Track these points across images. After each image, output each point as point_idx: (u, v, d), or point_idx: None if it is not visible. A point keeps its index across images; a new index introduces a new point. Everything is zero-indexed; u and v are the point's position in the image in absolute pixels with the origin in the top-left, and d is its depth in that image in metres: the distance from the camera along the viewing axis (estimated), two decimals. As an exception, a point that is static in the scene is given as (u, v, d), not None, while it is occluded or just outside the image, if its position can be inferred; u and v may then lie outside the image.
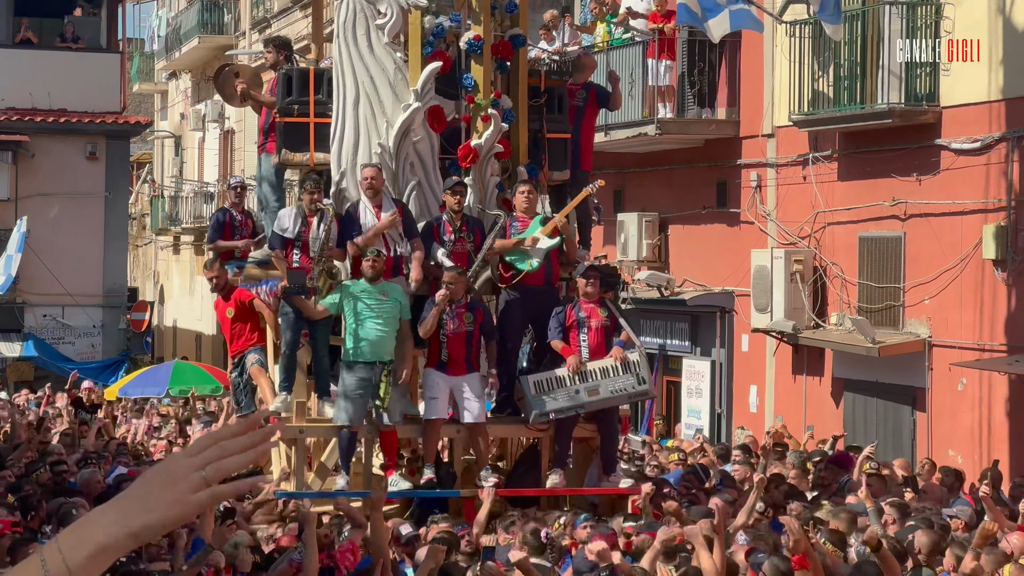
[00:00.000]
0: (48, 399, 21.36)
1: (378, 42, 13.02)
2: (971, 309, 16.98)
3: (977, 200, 16.83)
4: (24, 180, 31.63)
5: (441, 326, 12.33)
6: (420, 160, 13.01)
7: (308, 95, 13.25)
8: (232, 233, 14.48)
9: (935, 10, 17.48)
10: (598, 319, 12.57)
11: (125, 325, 33.29)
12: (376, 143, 12.87)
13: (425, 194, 13.07)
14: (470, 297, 12.56)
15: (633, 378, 12.48)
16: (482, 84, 13.07)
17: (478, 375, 12.63)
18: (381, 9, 13.00)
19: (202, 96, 41.86)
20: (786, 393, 20.27)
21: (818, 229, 19.50)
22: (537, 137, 13.59)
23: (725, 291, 21.26)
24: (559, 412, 12.41)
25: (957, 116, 17.21)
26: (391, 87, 13.01)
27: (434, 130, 13.00)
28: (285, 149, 13.32)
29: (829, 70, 18.81)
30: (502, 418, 13.05)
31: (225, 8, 40.04)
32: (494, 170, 13.23)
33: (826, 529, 10.23)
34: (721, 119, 21.41)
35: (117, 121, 32.73)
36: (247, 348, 13.50)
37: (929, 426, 17.60)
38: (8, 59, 31.74)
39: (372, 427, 12.35)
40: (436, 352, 12.46)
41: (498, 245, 12.67)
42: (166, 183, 44.90)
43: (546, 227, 12.66)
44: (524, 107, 13.49)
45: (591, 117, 14.47)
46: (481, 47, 13.07)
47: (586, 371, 12.41)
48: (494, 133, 13.04)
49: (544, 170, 13.63)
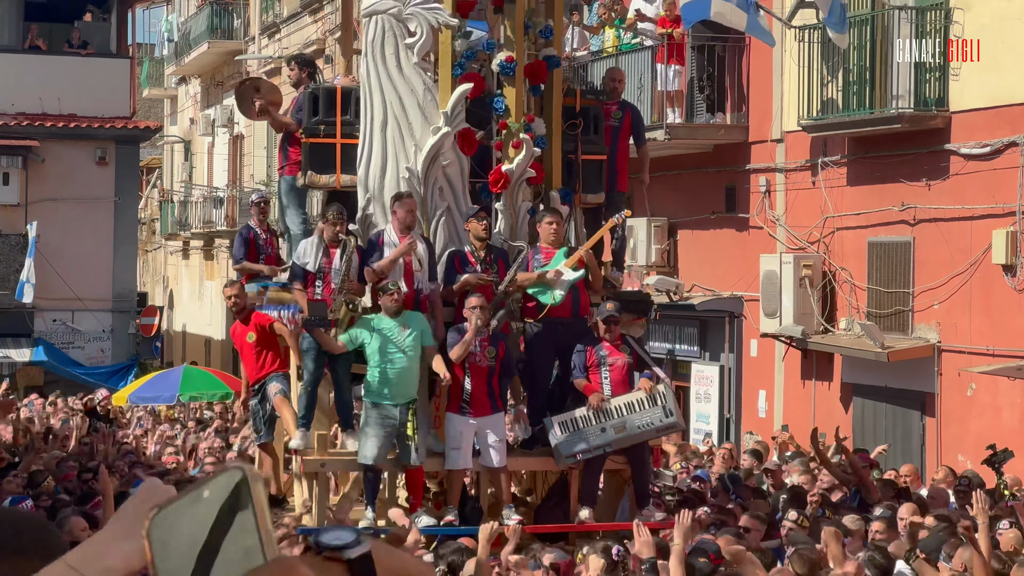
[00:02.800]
0: (60, 406, 21.41)
1: (407, 62, 12.56)
2: (980, 314, 16.95)
3: (986, 205, 16.80)
4: (34, 185, 31.68)
5: (465, 357, 11.95)
6: (450, 185, 12.58)
7: (335, 115, 12.82)
8: (257, 252, 13.78)
9: (944, 14, 17.45)
10: (620, 357, 12.31)
11: (135, 330, 33.33)
12: (404, 167, 12.45)
13: (455, 219, 12.62)
14: (493, 330, 12.14)
15: (660, 411, 12.15)
16: (514, 108, 12.66)
17: (501, 416, 12.33)
18: (411, 28, 12.53)
19: (211, 101, 41.91)
20: (795, 398, 20.25)
21: (827, 234, 19.48)
22: (571, 160, 13.20)
23: (734, 296, 21.24)
24: (586, 452, 12.10)
25: (966, 121, 17.19)
26: (420, 109, 12.56)
27: (464, 153, 12.58)
28: (311, 171, 12.87)
29: (838, 75, 18.79)
30: (532, 452, 12.70)
31: (234, 13, 40.10)
32: (526, 196, 12.84)
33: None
34: (730, 124, 21.39)
35: (127, 126, 32.79)
36: (269, 374, 12.98)
37: (938, 431, 17.57)
38: (18, 65, 31.79)
39: (398, 464, 12.15)
40: (458, 393, 12.07)
41: (520, 278, 12.26)
42: (175, 188, 44.95)
43: (570, 259, 12.27)
44: (558, 130, 13.06)
45: (626, 138, 14.03)
46: (514, 69, 12.64)
47: (610, 408, 12.10)
48: (526, 158, 12.63)
49: (578, 194, 13.26)
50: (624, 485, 12.71)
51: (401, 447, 11.96)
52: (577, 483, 12.41)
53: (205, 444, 17.24)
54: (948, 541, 9.36)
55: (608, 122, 13.65)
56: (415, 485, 12.32)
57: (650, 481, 12.87)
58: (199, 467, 15.84)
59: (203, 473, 14.51)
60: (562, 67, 13.41)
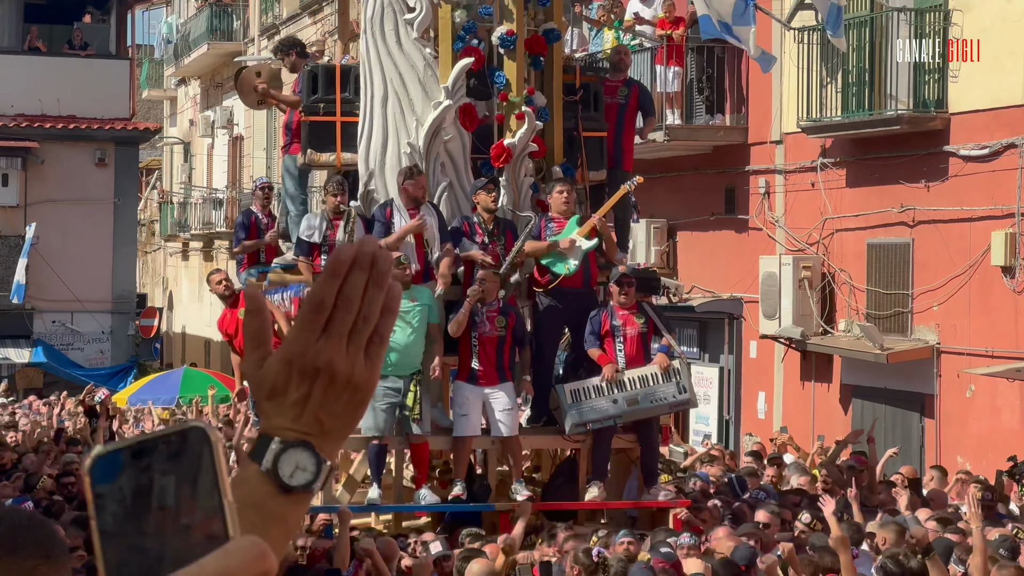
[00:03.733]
0: (62, 406, 21.38)
1: (407, 37, 12.44)
2: (979, 315, 16.96)
3: (986, 206, 16.81)
4: (33, 186, 31.68)
5: (472, 329, 11.81)
6: (451, 160, 12.48)
7: (334, 93, 12.73)
8: (257, 236, 13.94)
9: (943, 16, 17.46)
10: (634, 326, 12.02)
11: (134, 331, 33.32)
12: (405, 143, 12.34)
13: (456, 195, 12.52)
14: (502, 300, 11.98)
15: (674, 387, 11.90)
16: (515, 81, 12.51)
17: (511, 385, 12.06)
18: (410, 3, 12.43)
19: (211, 102, 41.92)
20: (794, 400, 20.25)
21: (826, 235, 19.49)
22: (572, 136, 13.03)
23: (733, 297, 21.24)
24: (596, 423, 11.86)
25: (965, 122, 17.19)
26: (421, 84, 12.43)
27: (466, 128, 12.45)
28: (311, 149, 12.79)
29: (837, 76, 18.79)
30: (537, 428, 12.52)
31: (234, 14, 40.10)
32: (528, 170, 12.67)
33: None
34: (729, 126, 21.40)
35: (126, 127, 32.80)
36: None
37: (938, 433, 17.58)
38: (17, 66, 31.80)
39: (403, 439, 11.92)
40: (467, 362, 11.94)
41: (529, 248, 12.08)
42: (175, 189, 44.96)
43: (583, 228, 12.05)
44: (559, 104, 12.90)
45: (632, 116, 13.78)
46: (514, 42, 12.48)
47: (624, 380, 11.86)
48: (528, 131, 12.47)
49: (581, 170, 13.07)
50: (631, 464, 12.48)
51: (401, 417, 11.78)
52: (586, 462, 12.17)
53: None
54: (959, 544, 9.37)
55: (614, 99, 13.48)
56: (420, 461, 12.04)
57: (658, 459, 12.68)
58: None
59: None
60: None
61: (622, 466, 12.59)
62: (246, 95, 14.10)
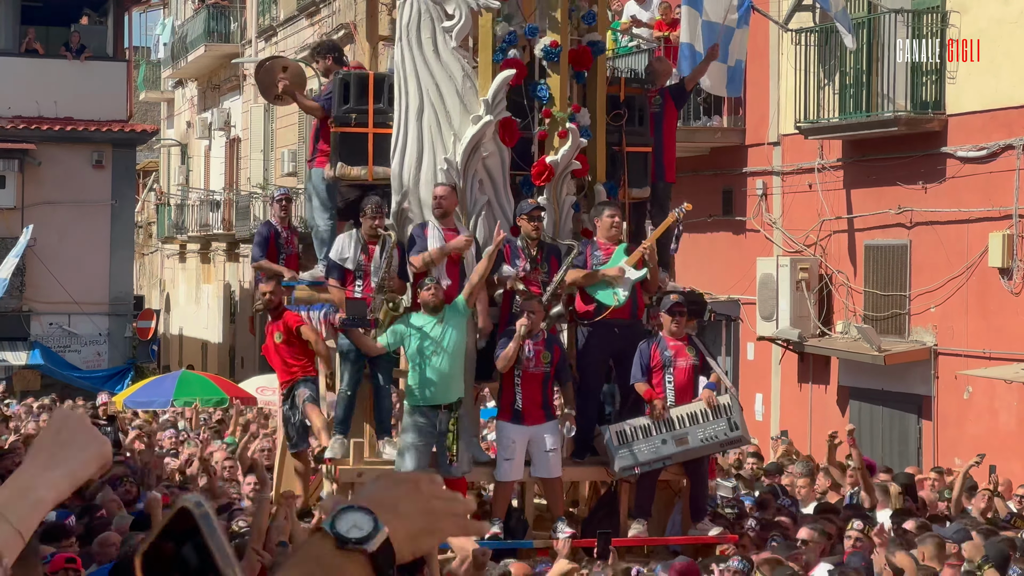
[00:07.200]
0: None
1: (445, 46, 11.66)
2: (977, 317, 16.96)
3: (983, 208, 16.81)
4: (30, 188, 31.65)
5: (517, 364, 11.11)
6: (490, 177, 11.70)
7: (367, 103, 11.98)
8: (277, 251, 12.94)
9: (941, 18, 17.47)
10: (686, 358, 11.36)
11: (131, 333, 33.28)
12: (442, 158, 11.57)
13: (495, 214, 11.69)
14: (546, 332, 11.28)
15: (724, 423, 11.25)
16: (559, 96, 11.84)
17: (555, 424, 11.40)
18: (449, 10, 11.65)
19: (208, 104, 41.92)
20: (792, 401, 20.25)
21: (824, 237, 19.49)
22: (615, 152, 12.29)
23: (731, 299, 21.24)
24: (646, 465, 11.26)
25: (963, 124, 17.20)
26: (459, 96, 11.66)
27: (505, 144, 11.68)
28: (341, 162, 11.95)
29: (835, 78, 18.80)
30: (582, 462, 11.78)
31: (231, 16, 40.12)
32: (570, 189, 11.93)
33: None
34: (727, 127, 21.40)
35: (123, 129, 32.76)
36: (297, 379, 12.20)
37: (935, 434, 17.58)
38: (14, 68, 31.78)
39: (439, 474, 11.38)
40: (509, 399, 11.25)
41: (570, 277, 11.37)
42: (172, 191, 44.95)
43: (631, 257, 11.40)
44: (602, 120, 12.17)
45: (671, 123, 13.25)
46: (558, 55, 11.80)
47: (673, 418, 11.24)
48: (572, 149, 11.74)
49: (623, 188, 12.35)
50: (675, 497, 11.90)
51: (440, 455, 11.11)
52: (627, 496, 11.60)
53: (221, 453, 16.62)
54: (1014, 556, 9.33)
55: (651, 109, 12.76)
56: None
57: (707, 495, 11.99)
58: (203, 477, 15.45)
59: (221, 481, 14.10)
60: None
61: (665, 500, 11.94)
62: (266, 88, 13.32)
